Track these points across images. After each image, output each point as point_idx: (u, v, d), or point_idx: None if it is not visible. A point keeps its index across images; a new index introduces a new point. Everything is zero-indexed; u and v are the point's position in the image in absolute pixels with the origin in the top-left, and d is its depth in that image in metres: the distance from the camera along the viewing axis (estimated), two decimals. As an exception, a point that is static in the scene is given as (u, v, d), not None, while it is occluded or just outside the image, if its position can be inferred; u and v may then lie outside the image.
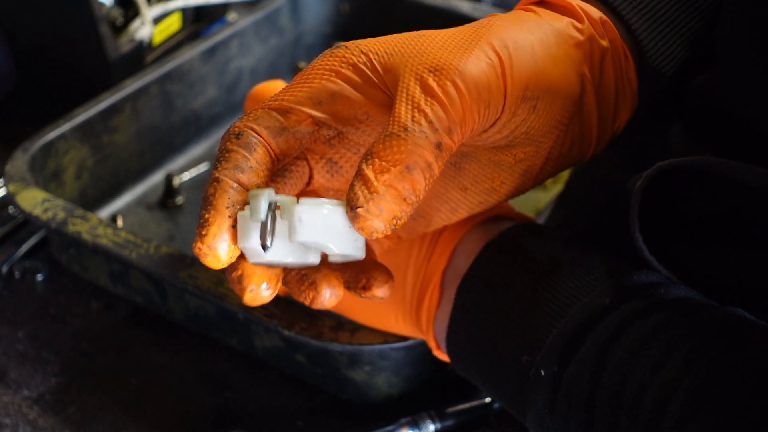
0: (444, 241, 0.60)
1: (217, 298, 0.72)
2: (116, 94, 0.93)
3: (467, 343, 0.58)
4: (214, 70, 1.02)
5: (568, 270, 0.55)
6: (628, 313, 0.52)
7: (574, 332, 0.52)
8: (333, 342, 0.69)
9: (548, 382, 0.53)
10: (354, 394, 0.75)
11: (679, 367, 0.48)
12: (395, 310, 0.63)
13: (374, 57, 0.52)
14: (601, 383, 0.50)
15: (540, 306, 0.55)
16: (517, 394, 0.56)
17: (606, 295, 0.53)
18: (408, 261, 0.61)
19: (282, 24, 1.10)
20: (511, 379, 0.56)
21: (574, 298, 0.54)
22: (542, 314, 0.54)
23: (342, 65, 0.52)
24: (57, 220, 0.78)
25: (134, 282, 0.80)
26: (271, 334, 0.74)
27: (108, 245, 0.76)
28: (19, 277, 0.86)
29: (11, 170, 0.83)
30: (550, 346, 0.53)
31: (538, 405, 0.54)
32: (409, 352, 0.72)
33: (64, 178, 0.89)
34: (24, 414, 0.75)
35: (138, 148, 0.96)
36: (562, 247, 0.57)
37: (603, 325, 0.52)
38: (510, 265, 0.57)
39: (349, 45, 0.52)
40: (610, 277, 0.54)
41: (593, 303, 0.53)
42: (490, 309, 0.57)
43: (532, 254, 0.57)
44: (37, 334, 0.81)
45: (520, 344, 0.55)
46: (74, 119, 0.89)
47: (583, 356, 0.51)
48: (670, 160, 0.53)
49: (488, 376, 0.58)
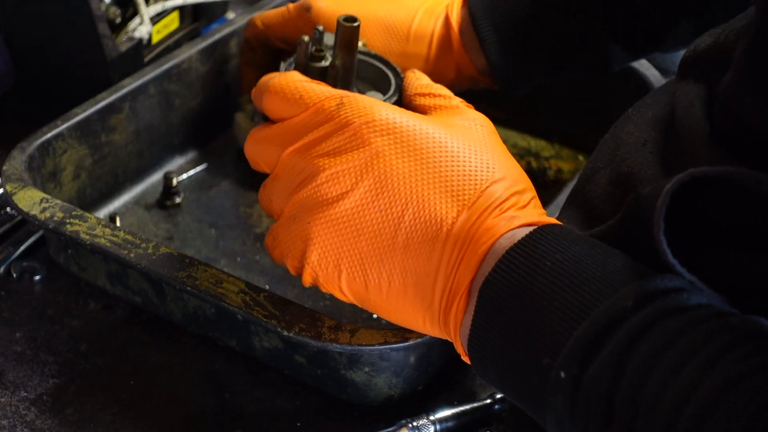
0: (473, 248, 0.60)
1: (216, 298, 0.71)
2: (114, 94, 0.92)
3: (488, 345, 0.58)
4: (213, 69, 1.01)
5: (590, 272, 0.55)
6: (651, 317, 0.51)
7: (596, 334, 0.52)
8: (332, 343, 0.68)
9: (568, 384, 0.52)
10: (354, 395, 0.74)
11: (699, 370, 0.48)
12: (423, 313, 0.62)
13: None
14: (621, 385, 0.50)
15: (561, 308, 0.54)
16: (536, 396, 0.55)
17: (629, 298, 0.52)
18: (438, 268, 0.60)
19: (281, 22, 1.09)
20: (531, 382, 0.55)
21: (596, 300, 0.54)
22: (563, 316, 0.54)
23: None
24: (55, 220, 0.77)
25: (132, 282, 0.79)
26: (271, 335, 0.74)
27: (106, 245, 0.75)
28: (16, 278, 0.86)
29: (8, 170, 0.82)
30: (571, 349, 0.53)
31: (558, 407, 0.53)
32: (410, 353, 0.72)
33: (62, 177, 0.89)
34: (22, 415, 0.74)
35: (136, 148, 0.96)
36: (586, 249, 0.57)
37: (625, 328, 0.51)
38: (532, 268, 0.57)
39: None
40: (633, 280, 0.54)
41: (615, 305, 0.53)
42: (512, 311, 0.57)
43: (555, 256, 0.57)
44: (35, 335, 0.81)
45: (540, 347, 0.55)
46: (72, 118, 0.89)
47: (603, 359, 0.51)
48: (704, 168, 0.53)
49: (508, 379, 0.58)
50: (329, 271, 0.63)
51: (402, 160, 0.62)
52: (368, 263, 0.62)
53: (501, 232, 0.59)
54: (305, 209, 0.64)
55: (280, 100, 0.66)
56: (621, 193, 0.64)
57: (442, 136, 0.63)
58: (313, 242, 0.63)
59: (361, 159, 0.62)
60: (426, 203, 0.61)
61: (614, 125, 0.72)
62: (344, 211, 0.62)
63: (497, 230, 0.60)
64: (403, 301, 0.62)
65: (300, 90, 0.66)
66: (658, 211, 0.53)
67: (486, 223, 0.60)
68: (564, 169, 1.00)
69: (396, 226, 0.61)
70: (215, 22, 1.16)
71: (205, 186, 0.98)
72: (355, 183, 0.62)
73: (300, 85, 0.66)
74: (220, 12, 1.16)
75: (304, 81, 0.67)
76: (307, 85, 0.66)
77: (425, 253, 0.60)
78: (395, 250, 0.61)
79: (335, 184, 0.62)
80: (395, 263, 0.61)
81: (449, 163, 0.62)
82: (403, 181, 0.61)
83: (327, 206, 0.63)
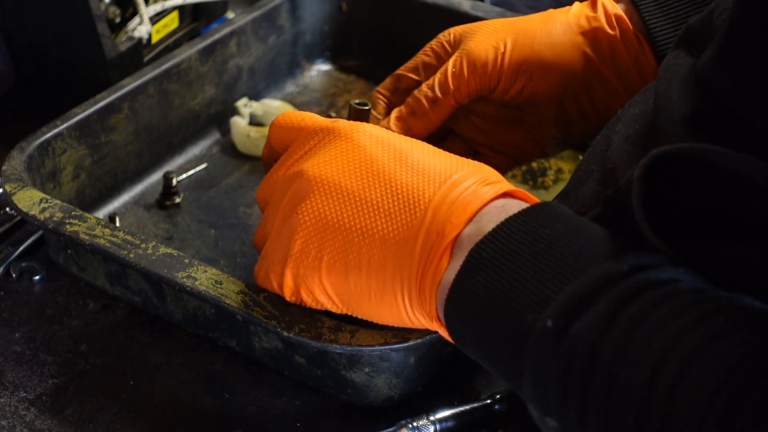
0: (459, 209, 0.62)
1: (216, 299, 0.71)
2: (114, 93, 0.92)
3: (471, 301, 0.58)
4: (213, 68, 1.01)
5: (589, 239, 0.57)
6: (645, 281, 0.52)
7: (588, 292, 0.53)
8: (332, 343, 0.68)
9: (553, 333, 0.53)
10: (354, 396, 0.74)
11: (686, 324, 0.49)
12: (401, 285, 0.63)
13: (452, 35, 0.82)
14: (607, 338, 0.51)
15: (556, 267, 0.55)
16: (515, 354, 0.55)
17: (625, 263, 0.54)
18: (418, 232, 0.62)
19: (281, 22, 1.09)
20: (513, 338, 0.56)
21: (591, 262, 0.55)
22: (556, 274, 0.55)
23: (435, 42, 0.83)
24: (54, 220, 0.77)
25: (132, 283, 0.79)
26: (270, 335, 0.74)
27: (106, 245, 0.75)
28: (16, 278, 0.86)
29: (8, 170, 0.82)
30: (561, 301, 0.53)
31: (539, 358, 0.54)
32: (410, 354, 0.71)
33: (61, 177, 0.88)
34: (21, 416, 0.74)
35: (136, 148, 0.95)
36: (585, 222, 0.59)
37: (618, 289, 0.52)
38: (530, 233, 0.58)
39: (450, 29, 0.83)
40: (632, 250, 0.55)
41: (611, 268, 0.54)
42: (501, 270, 0.57)
43: (554, 225, 0.58)
44: (35, 335, 0.81)
45: (528, 302, 0.55)
46: (72, 118, 0.88)
47: (592, 314, 0.52)
48: (665, 147, 0.54)
49: (487, 336, 0.58)
50: (311, 259, 0.66)
51: (382, 152, 0.67)
52: (349, 242, 0.64)
53: (488, 197, 0.62)
54: (292, 207, 0.67)
55: (284, 129, 0.72)
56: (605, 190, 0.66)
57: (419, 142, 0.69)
58: (296, 233, 0.66)
59: (344, 149, 0.67)
60: (405, 184, 0.64)
61: (606, 126, 0.73)
62: (325, 197, 0.66)
63: (484, 196, 0.62)
64: (383, 277, 0.63)
65: (303, 115, 0.72)
66: (636, 198, 0.54)
67: (471, 191, 0.63)
68: (564, 169, 1.00)
69: (377, 204, 0.64)
70: (215, 21, 1.16)
71: (204, 186, 0.98)
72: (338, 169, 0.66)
73: (304, 113, 0.73)
74: (220, 12, 1.16)
75: (307, 112, 0.73)
76: (309, 113, 0.73)
77: (406, 222, 0.63)
78: (376, 225, 0.64)
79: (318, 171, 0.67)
80: (375, 238, 0.64)
81: (426, 158, 0.66)
82: (383, 167, 0.66)
83: (309, 196, 0.66)
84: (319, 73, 1.15)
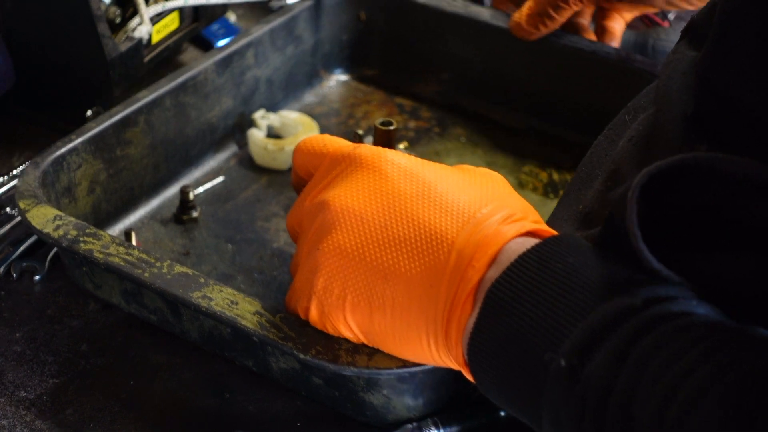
0: (481, 251, 0.61)
1: (232, 320, 0.70)
2: (129, 107, 0.91)
3: (490, 344, 0.58)
4: (230, 80, 1.00)
5: (602, 272, 0.56)
6: (658, 315, 0.52)
7: (601, 328, 0.53)
8: (350, 366, 0.67)
9: (568, 373, 0.52)
10: (373, 418, 0.73)
11: (697, 358, 0.49)
12: (426, 329, 0.62)
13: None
14: (619, 377, 0.50)
15: (569, 303, 0.55)
16: (534, 395, 0.55)
17: (638, 297, 0.53)
18: (443, 275, 0.61)
19: (299, 32, 1.08)
20: (532, 380, 0.55)
21: (604, 297, 0.54)
22: (570, 311, 0.54)
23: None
24: (68, 238, 0.76)
25: (148, 301, 0.78)
26: (287, 357, 0.72)
27: (120, 264, 0.74)
28: (16, 278, 0.86)
29: (22, 186, 0.81)
30: (574, 339, 0.53)
31: (554, 399, 0.53)
32: (429, 376, 0.70)
33: (76, 192, 0.87)
34: (21, 416, 0.74)
35: (152, 161, 0.94)
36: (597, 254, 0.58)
37: (629, 324, 0.52)
38: (543, 270, 0.57)
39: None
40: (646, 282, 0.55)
41: (623, 302, 0.53)
42: (519, 309, 0.57)
43: (567, 260, 0.57)
44: (35, 335, 0.81)
45: (544, 341, 0.55)
46: (86, 132, 0.87)
47: (604, 352, 0.52)
48: (658, 163, 0.53)
49: (507, 378, 0.58)
50: (334, 298, 0.65)
51: (407, 183, 0.65)
52: (373, 282, 0.63)
53: (509, 236, 0.61)
54: (317, 240, 0.66)
55: (307, 155, 0.72)
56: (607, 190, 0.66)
57: (446, 170, 0.67)
58: (319, 269, 0.65)
59: (369, 179, 0.66)
60: (429, 221, 0.63)
61: (608, 127, 0.74)
62: (348, 231, 0.64)
63: (505, 235, 0.61)
64: (407, 319, 0.62)
65: (325, 139, 0.72)
66: (630, 220, 0.54)
67: (493, 230, 0.61)
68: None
69: (400, 240, 0.63)
70: (215, 22, 1.15)
71: (221, 199, 0.97)
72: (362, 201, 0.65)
73: (326, 137, 0.72)
74: (220, 12, 1.15)
75: (328, 135, 0.73)
76: (330, 137, 0.72)
77: (430, 263, 0.62)
78: (399, 265, 0.62)
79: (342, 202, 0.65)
80: (399, 279, 0.62)
81: (451, 191, 0.65)
82: (407, 201, 0.64)
83: (332, 230, 0.65)
84: (337, 83, 1.14)
